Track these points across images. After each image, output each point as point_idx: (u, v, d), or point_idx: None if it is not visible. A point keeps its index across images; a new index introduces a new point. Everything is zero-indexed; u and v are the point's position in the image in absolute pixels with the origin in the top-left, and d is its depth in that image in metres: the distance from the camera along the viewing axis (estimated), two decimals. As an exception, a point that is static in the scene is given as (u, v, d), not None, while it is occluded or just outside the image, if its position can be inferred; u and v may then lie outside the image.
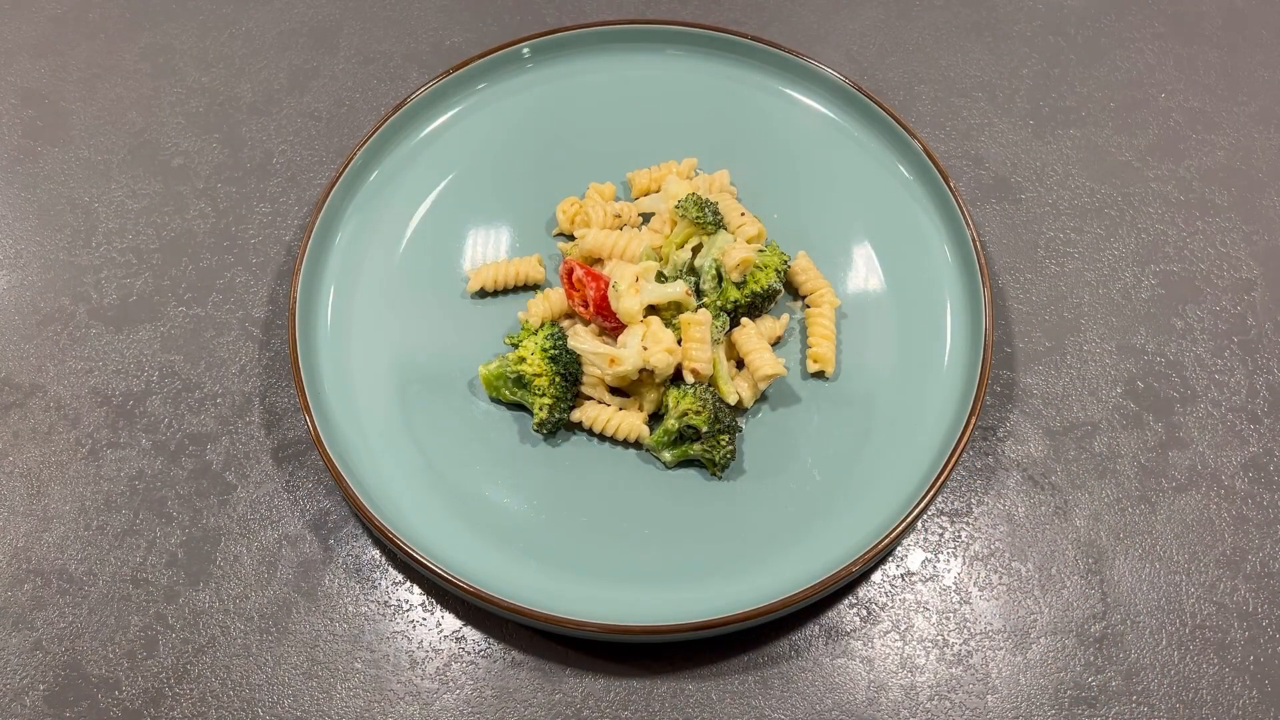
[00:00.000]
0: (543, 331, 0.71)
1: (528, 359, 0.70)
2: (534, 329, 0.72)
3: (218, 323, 0.79)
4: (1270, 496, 0.72)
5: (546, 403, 0.70)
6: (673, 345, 0.70)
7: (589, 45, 0.87)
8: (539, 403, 0.70)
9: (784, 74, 0.86)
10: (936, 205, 0.79)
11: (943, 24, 0.95)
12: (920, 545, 0.71)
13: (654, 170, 0.82)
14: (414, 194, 0.81)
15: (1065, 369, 0.77)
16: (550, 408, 0.70)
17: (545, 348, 0.70)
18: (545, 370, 0.69)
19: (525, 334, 0.72)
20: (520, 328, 0.75)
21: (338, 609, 0.68)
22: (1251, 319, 0.79)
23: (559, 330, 0.72)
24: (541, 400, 0.70)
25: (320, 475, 0.73)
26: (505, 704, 0.65)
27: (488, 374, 0.72)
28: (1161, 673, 0.67)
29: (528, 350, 0.70)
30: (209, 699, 0.65)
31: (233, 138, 0.88)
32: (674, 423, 0.69)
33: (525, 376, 0.70)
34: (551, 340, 0.70)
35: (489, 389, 0.72)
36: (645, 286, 0.71)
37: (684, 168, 0.82)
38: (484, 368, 0.72)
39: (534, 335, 0.71)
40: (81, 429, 0.74)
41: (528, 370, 0.70)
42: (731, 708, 0.65)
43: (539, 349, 0.70)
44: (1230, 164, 0.87)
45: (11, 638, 0.67)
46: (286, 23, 0.95)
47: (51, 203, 0.85)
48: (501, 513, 0.69)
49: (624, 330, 0.71)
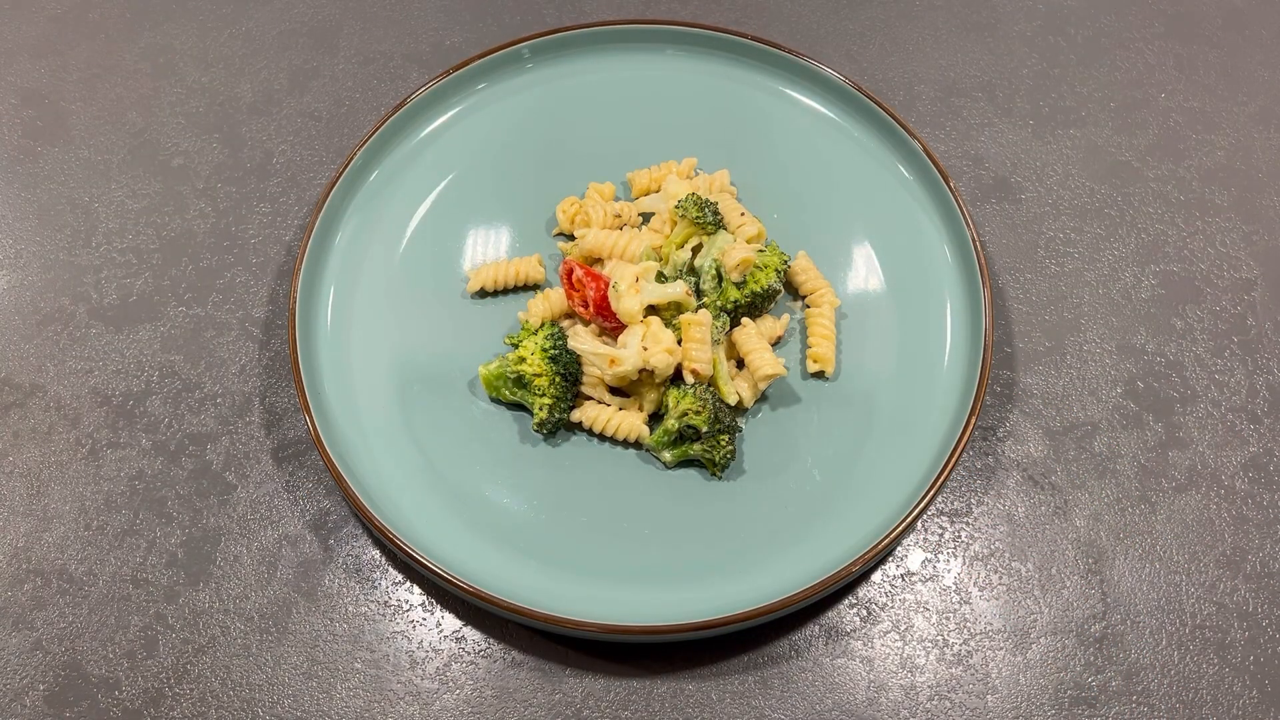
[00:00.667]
0: (543, 331, 0.71)
1: (528, 359, 0.70)
2: (534, 329, 0.72)
3: (218, 323, 0.79)
4: (1270, 496, 0.72)
5: (546, 403, 0.70)
6: (673, 346, 0.70)
7: (589, 45, 0.87)
8: (539, 403, 0.70)
9: (784, 74, 0.86)
10: (936, 205, 0.79)
11: (943, 24, 0.95)
12: (920, 545, 0.71)
13: (654, 170, 0.82)
14: (414, 194, 0.81)
15: (1065, 369, 0.77)
16: (550, 408, 0.70)
17: (545, 348, 0.70)
18: (545, 370, 0.69)
19: (525, 334, 0.72)
20: (520, 328, 0.75)
21: (338, 609, 0.68)
22: (1251, 319, 0.79)
23: (559, 330, 0.72)
24: (541, 400, 0.70)
25: (320, 475, 0.73)
26: (505, 704, 0.65)
27: (488, 374, 0.72)
28: (1161, 673, 0.67)
29: (528, 350, 0.70)
30: (209, 699, 0.65)
31: (233, 138, 0.88)
32: (674, 423, 0.69)
33: (525, 376, 0.70)
34: (551, 340, 0.70)
35: (489, 389, 0.72)
36: (645, 287, 0.71)
37: (684, 168, 0.82)
38: (484, 368, 0.72)
39: (534, 335, 0.71)
40: (81, 429, 0.75)
41: (528, 370, 0.70)
42: (731, 708, 0.65)
43: (539, 349, 0.70)
44: (1230, 164, 0.87)
45: (11, 638, 0.67)
46: (286, 23, 0.95)
47: (51, 203, 0.85)
48: (501, 513, 0.69)
49: (624, 330, 0.71)
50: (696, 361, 0.70)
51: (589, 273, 0.73)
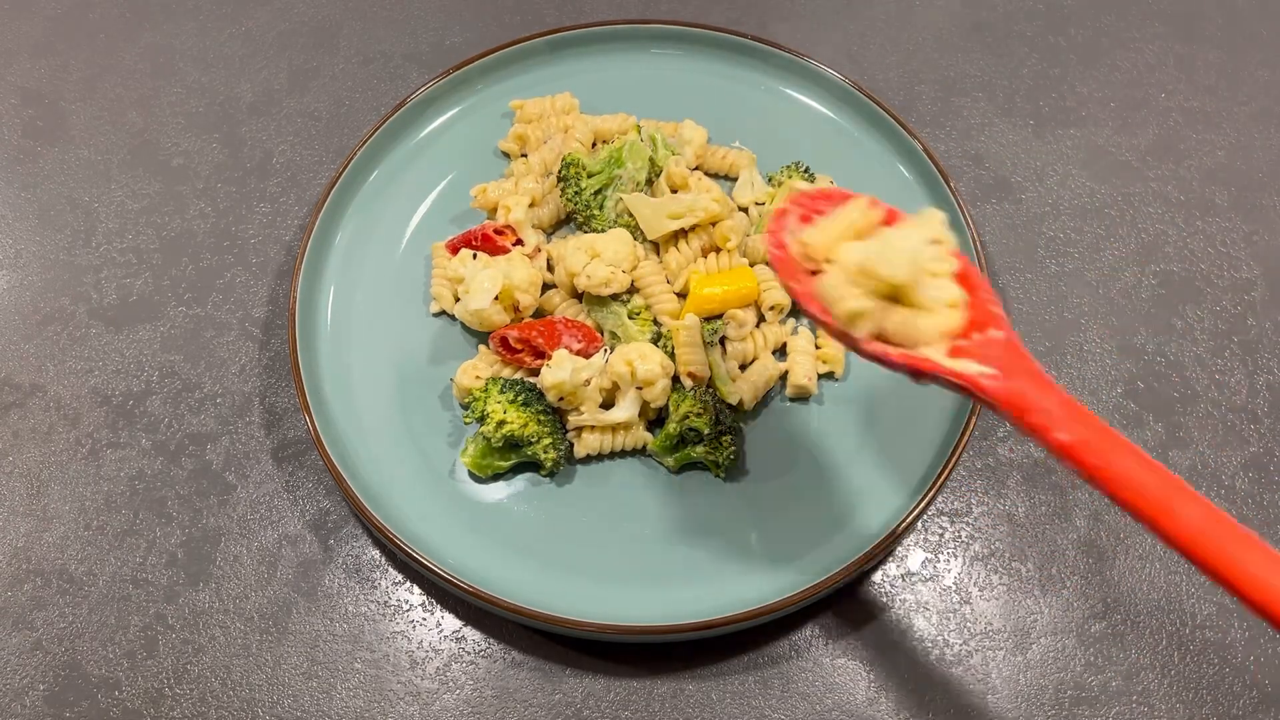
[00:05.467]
0: (494, 388, 0.68)
1: (507, 419, 0.67)
2: (482, 394, 0.68)
3: (218, 323, 0.79)
4: (1270, 496, 0.72)
5: (547, 443, 0.68)
6: (663, 360, 0.69)
7: (589, 45, 0.87)
8: (541, 448, 0.68)
9: (784, 74, 0.86)
10: (936, 205, 0.79)
11: (943, 24, 0.95)
12: (920, 545, 0.71)
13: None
14: (414, 194, 0.81)
15: (1065, 369, 0.77)
16: (552, 446, 0.68)
17: (511, 399, 0.67)
18: (528, 418, 0.67)
19: (480, 401, 0.68)
20: (464, 407, 0.71)
21: (338, 609, 0.68)
22: (1251, 319, 0.79)
23: (508, 380, 0.69)
24: (543, 444, 0.68)
25: (320, 475, 0.73)
26: (505, 704, 0.65)
27: (475, 458, 0.68)
28: (1161, 673, 0.67)
29: (498, 412, 0.67)
30: (209, 699, 0.65)
31: (232, 138, 0.88)
32: (675, 426, 0.69)
33: (514, 435, 0.67)
34: (512, 390, 0.68)
35: (481, 471, 0.69)
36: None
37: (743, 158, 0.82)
38: (465, 456, 0.69)
39: (492, 396, 0.68)
40: (81, 429, 0.74)
41: (514, 429, 0.67)
42: (731, 708, 0.65)
43: (508, 404, 0.67)
44: (1230, 164, 0.87)
45: (11, 638, 0.67)
46: (286, 23, 0.95)
47: (51, 203, 0.85)
48: (501, 513, 0.69)
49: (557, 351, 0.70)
50: (691, 364, 0.70)
51: (524, 328, 0.71)
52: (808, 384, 0.72)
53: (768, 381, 0.71)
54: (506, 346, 0.71)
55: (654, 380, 0.68)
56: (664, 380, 0.69)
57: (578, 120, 0.82)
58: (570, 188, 0.76)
